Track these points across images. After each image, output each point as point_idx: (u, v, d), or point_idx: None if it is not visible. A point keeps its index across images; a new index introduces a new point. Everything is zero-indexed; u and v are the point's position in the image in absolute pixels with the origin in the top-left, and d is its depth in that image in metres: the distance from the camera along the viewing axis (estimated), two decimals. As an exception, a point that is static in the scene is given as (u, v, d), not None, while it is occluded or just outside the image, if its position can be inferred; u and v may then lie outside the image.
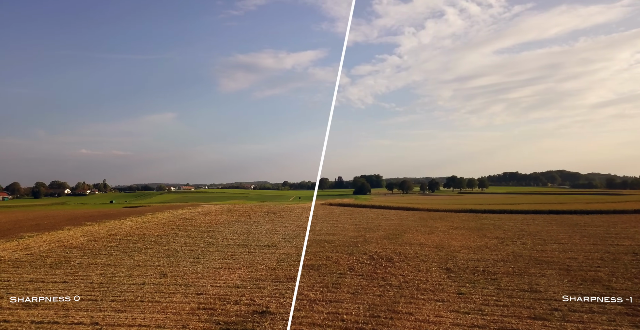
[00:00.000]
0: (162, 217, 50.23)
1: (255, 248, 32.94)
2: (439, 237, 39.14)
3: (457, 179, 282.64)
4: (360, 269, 24.55)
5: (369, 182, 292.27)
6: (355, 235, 39.74)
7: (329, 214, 60.82)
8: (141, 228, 41.76)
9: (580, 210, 66.19)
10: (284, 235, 40.24)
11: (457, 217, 61.32)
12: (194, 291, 20.10)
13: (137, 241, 34.72)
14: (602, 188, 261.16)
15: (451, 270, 24.76)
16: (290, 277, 23.16)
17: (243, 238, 37.93)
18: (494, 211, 70.72)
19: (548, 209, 68.96)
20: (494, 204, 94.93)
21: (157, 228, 42.29)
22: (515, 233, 42.62)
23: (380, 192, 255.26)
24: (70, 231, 37.98)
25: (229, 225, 46.95)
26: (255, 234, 40.45)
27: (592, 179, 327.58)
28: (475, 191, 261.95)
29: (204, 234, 39.56)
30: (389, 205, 77.01)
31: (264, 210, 62.59)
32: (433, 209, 74.68)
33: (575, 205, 75.96)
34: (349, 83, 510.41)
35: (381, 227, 47.50)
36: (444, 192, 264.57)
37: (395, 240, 37.04)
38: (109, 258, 28.00)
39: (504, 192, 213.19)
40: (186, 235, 38.60)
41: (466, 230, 44.82)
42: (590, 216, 60.07)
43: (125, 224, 43.74)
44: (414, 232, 42.71)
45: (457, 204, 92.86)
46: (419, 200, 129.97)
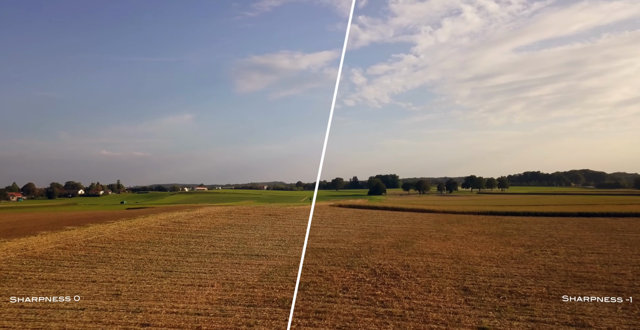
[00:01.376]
0: (153, 221, 46.52)
1: (241, 258, 28.71)
2: (455, 245, 34.23)
3: (475, 178, 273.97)
4: (356, 290, 19.99)
5: (384, 182, 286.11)
6: (360, 243, 35.14)
7: (335, 217, 56.27)
8: (124, 233, 38.02)
9: (613, 212, 59.98)
10: (279, 241, 35.95)
11: (476, 220, 56.04)
12: (140, 321, 15.90)
13: (111, 249, 30.89)
14: (630, 188, 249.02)
15: (470, 290, 19.99)
16: (269, 298, 18.80)
17: (232, 245, 33.78)
18: (517, 213, 65.04)
19: (577, 211, 62.93)
20: (516, 205, 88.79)
21: (142, 233, 38.51)
22: (544, 240, 37.36)
23: (396, 193, 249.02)
24: (43, 237, 34.46)
25: (222, 229, 42.91)
26: (248, 241, 36.26)
27: (618, 179, 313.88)
28: (495, 191, 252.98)
29: (191, 241, 35.56)
30: (402, 207, 71.97)
31: (266, 213, 58.45)
32: (450, 210, 69.36)
33: (607, 207, 69.47)
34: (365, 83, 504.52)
35: (391, 232, 42.74)
36: (462, 192, 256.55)
37: (405, 248, 32.30)
38: (66, 271, 24.12)
39: (526, 193, 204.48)
40: (170, 242, 34.66)
41: (487, 236, 39.72)
42: (626, 219, 54.01)
43: (109, 229, 40.11)
44: (427, 239, 37.85)
45: (476, 206, 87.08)
46: (436, 201, 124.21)
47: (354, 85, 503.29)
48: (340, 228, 45.14)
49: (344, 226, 46.88)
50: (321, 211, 63.11)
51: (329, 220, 51.84)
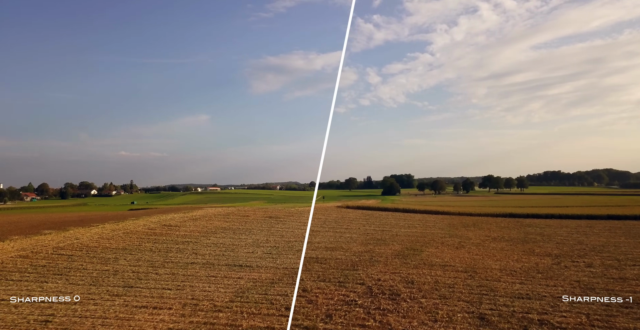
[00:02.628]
0: (142, 224, 43.27)
1: (221, 269, 24.96)
2: (470, 254, 29.83)
3: (493, 178, 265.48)
4: (342, 317, 15.93)
5: (399, 182, 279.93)
6: (361, 251, 31.02)
7: (340, 219, 52.21)
8: (104, 238, 34.75)
9: (648, 215, 54.38)
10: (271, 248, 32.12)
11: (494, 224, 51.27)
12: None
13: (78, 258, 27.52)
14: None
15: (487, 319, 15.75)
16: (235, 328, 14.95)
17: (217, 253, 30.09)
18: (539, 216, 59.87)
19: (606, 214, 57.49)
20: (537, 206, 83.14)
21: (123, 238, 35.17)
22: (573, 248, 32.65)
23: (411, 193, 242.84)
24: (11, 243, 31.37)
25: (214, 234, 39.34)
26: (237, 247, 32.55)
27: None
28: (513, 191, 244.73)
29: (173, 247, 32.01)
30: (414, 209, 67.42)
31: (267, 215, 54.79)
32: (465, 212, 64.53)
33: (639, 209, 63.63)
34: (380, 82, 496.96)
35: (398, 237, 38.48)
36: (480, 192, 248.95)
37: (412, 258, 28.06)
38: (8, 287, 20.70)
39: (547, 193, 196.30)
40: (149, 249, 31.16)
41: (507, 243, 35.13)
42: (664, 223, 48.56)
43: (89, 233, 36.94)
44: (439, 246, 33.48)
45: (494, 207, 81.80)
46: (451, 202, 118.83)
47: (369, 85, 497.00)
48: (342, 232, 41.07)
49: (347, 230, 42.79)
50: (326, 213, 59.14)
51: (332, 224, 47.81)
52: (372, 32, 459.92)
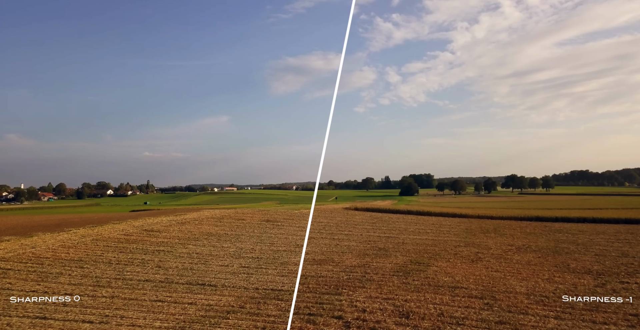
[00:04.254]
0: (122, 229, 39.07)
1: (177, 290, 20.19)
2: (488, 270, 24.24)
3: (517, 178, 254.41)
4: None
5: (418, 182, 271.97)
6: (355, 265, 25.77)
7: (343, 224, 46.98)
8: (66, 246, 30.55)
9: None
10: (252, 260, 27.25)
11: (518, 229, 45.19)
12: None
13: (13, 273, 23.21)
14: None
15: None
16: None
17: (186, 266, 25.38)
18: (570, 219, 53.30)
19: (649, 217, 50.60)
20: (566, 208, 75.99)
21: (89, 246, 30.89)
22: (617, 261, 26.68)
23: (430, 193, 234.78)
24: (-47, 253, 27.37)
25: (195, 240, 34.77)
26: (213, 259, 27.81)
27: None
28: (538, 192, 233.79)
29: (137, 259, 27.47)
30: (429, 211, 61.57)
31: (264, 218, 50.06)
32: (486, 215, 58.39)
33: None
34: (400, 81, 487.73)
35: (404, 246, 33.06)
36: (502, 192, 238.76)
37: (415, 276, 22.69)
38: None
39: (575, 193, 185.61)
40: (107, 261, 26.67)
41: (534, 255, 29.30)
42: None
43: (54, 239, 32.87)
44: (451, 258, 27.94)
45: (518, 209, 75.07)
46: (471, 203, 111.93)
47: (388, 84, 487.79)
48: (341, 240, 35.87)
49: (348, 237, 37.56)
50: (330, 216, 53.99)
51: (333, 229, 42.64)
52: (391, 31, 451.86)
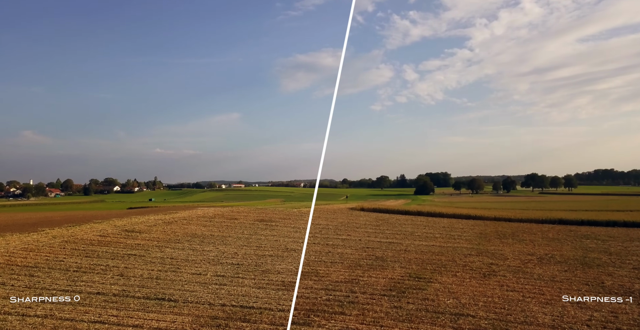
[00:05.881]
0: (100, 228, 35.84)
1: (129, 306, 16.55)
2: (503, 288, 19.89)
3: (538, 176, 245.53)
4: None
5: (435, 181, 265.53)
6: (342, 280, 21.72)
7: (344, 226, 42.93)
8: (28, 249, 27.35)
9: None
10: (231, 267, 23.49)
11: (539, 233, 40.43)
12: None
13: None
14: None
15: None
16: None
17: (152, 275, 21.76)
18: (598, 223, 48.10)
19: (689, 222, 45.11)
20: (592, 210, 70.18)
21: (54, 249, 27.64)
22: (664, 278, 21.97)
23: (446, 192, 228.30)
24: None
25: (175, 243, 31.23)
26: (187, 265, 24.14)
27: None
28: (560, 191, 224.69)
29: (101, 265, 23.97)
30: (441, 212, 56.98)
31: (258, 217, 46.42)
32: (503, 217, 53.52)
33: None
34: (418, 79, 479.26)
35: (406, 255, 28.85)
36: (522, 192, 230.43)
37: (410, 297, 18.52)
38: None
39: (599, 193, 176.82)
40: (64, 268, 23.23)
41: (559, 267, 24.74)
42: None
43: (20, 240, 29.72)
44: (458, 271, 23.64)
45: (538, 210, 69.73)
46: (488, 203, 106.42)
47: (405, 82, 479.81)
48: (335, 246, 31.85)
49: (344, 242, 33.50)
50: (331, 217, 49.97)
51: (330, 232, 38.64)
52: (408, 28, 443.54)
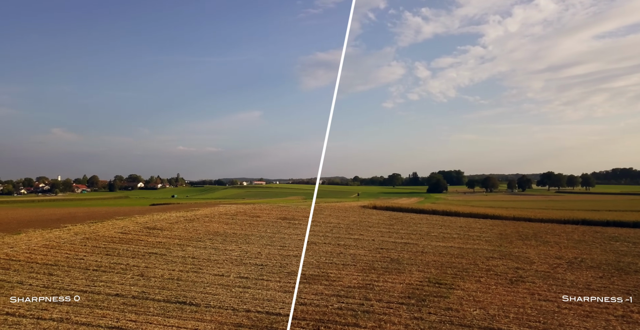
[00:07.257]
0: (122, 225, 34.71)
1: (146, 311, 15.22)
2: (534, 297, 18.14)
3: (554, 175, 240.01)
4: None
5: (448, 179, 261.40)
6: (354, 285, 20.19)
7: (356, 225, 41.38)
8: (49, 247, 26.25)
9: None
10: (255, 268, 22.12)
11: (563, 234, 38.37)
12: None
13: None
14: None
15: None
16: None
17: (173, 275, 20.45)
18: (626, 224, 45.62)
19: None
20: (616, 210, 67.32)
21: (75, 247, 26.55)
22: None
23: (459, 191, 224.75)
24: None
25: (198, 241, 29.94)
26: (209, 265, 22.81)
27: None
28: (577, 190, 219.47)
29: (121, 264, 22.72)
30: (457, 211, 55.06)
31: (281, 215, 45.22)
32: (523, 217, 51.36)
33: None
34: (430, 76, 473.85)
35: (424, 257, 27.19)
36: (538, 190, 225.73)
37: (432, 305, 16.93)
38: None
39: (618, 193, 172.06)
40: (83, 267, 22.08)
41: (593, 272, 22.86)
42: None
43: (42, 237, 28.65)
44: (482, 276, 21.93)
45: (558, 209, 67.22)
46: (504, 202, 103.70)
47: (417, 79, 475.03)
48: (347, 246, 30.33)
49: (357, 243, 31.96)
50: (343, 215, 48.44)
51: (342, 232, 37.13)
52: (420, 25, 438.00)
